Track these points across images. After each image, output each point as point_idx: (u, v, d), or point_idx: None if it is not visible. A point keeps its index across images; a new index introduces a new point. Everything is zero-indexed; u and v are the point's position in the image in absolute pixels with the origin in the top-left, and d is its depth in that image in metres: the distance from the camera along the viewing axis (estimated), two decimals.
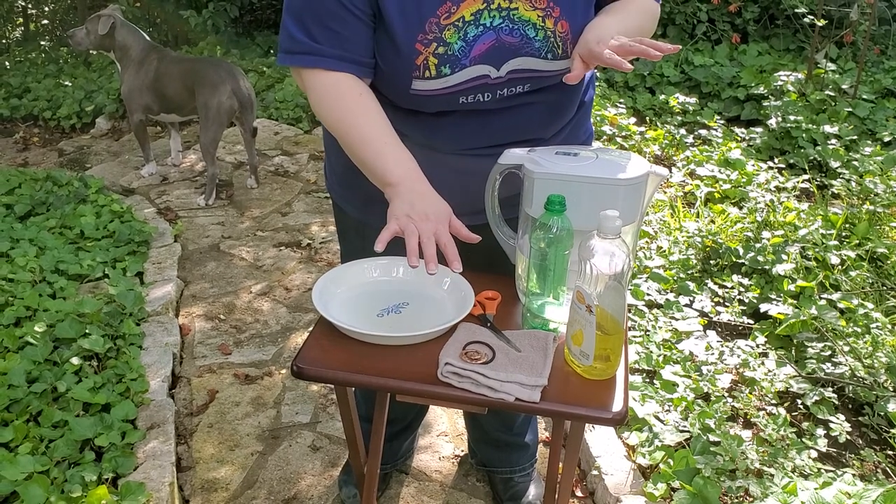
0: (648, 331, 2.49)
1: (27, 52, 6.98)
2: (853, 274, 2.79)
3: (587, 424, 1.90)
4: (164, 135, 4.64)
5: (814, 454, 1.98)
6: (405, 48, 1.23)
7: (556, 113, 1.42)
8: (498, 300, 1.36)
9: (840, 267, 2.84)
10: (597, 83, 5.07)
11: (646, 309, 2.61)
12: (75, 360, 2.27)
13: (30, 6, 7.90)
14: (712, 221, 3.26)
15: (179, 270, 3.14)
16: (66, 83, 5.58)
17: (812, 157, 4.03)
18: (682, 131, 4.45)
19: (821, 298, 2.59)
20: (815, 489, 1.79)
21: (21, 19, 7.94)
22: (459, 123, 1.35)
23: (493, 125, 1.37)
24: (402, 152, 1.27)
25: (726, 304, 2.70)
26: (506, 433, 1.91)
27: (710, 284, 2.79)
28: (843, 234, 3.10)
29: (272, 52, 6.28)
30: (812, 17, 4.71)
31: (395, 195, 1.23)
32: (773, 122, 4.37)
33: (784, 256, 2.82)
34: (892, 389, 2.17)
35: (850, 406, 2.23)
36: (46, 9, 7.99)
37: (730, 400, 2.19)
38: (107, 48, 3.96)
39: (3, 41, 7.61)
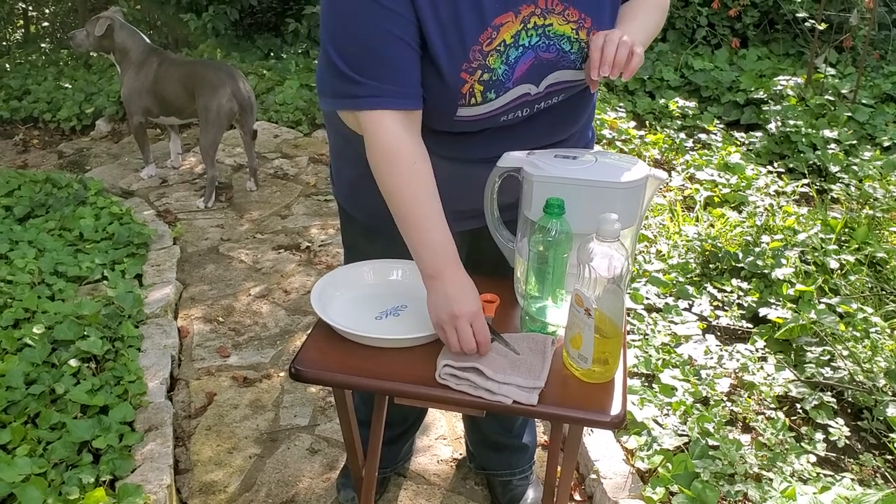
0: (647, 334, 2.48)
1: (27, 54, 6.99)
2: (852, 278, 2.79)
3: (585, 428, 1.90)
4: (163, 137, 4.64)
5: (813, 458, 1.98)
6: (451, 78, 1.23)
7: (574, 115, 1.44)
8: (497, 303, 1.36)
9: (839, 271, 2.84)
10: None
11: (645, 313, 2.61)
12: (73, 362, 2.27)
13: (30, 8, 7.91)
14: (712, 225, 3.26)
15: (178, 273, 3.14)
16: (67, 85, 5.58)
17: (811, 162, 4.03)
18: (682, 135, 4.46)
19: (820, 303, 2.59)
20: (814, 493, 1.79)
21: (21, 21, 7.95)
22: (490, 137, 1.36)
23: (519, 134, 1.38)
24: (445, 238, 1.25)
25: (725, 308, 2.70)
26: (504, 435, 1.91)
27: (710, 288, 2.79)
28: (843, 238, 3.11)
29: (272, 54, 6.29)
30: (812, 22, 4.72)
31: (431, 289, 1.23)
32: (772, 126, 4.38)
33: (783, 261, 2.82)
34: (891, 394, 2.17)
35: (849, 410, 2.23)
36: (47, 11, 8.01)
37: (729, 404, 2.19)
38: (106, 50, 3.96)
39: (4, 43, 7.62)
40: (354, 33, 1.20)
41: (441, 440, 2.25)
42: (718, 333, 2.57)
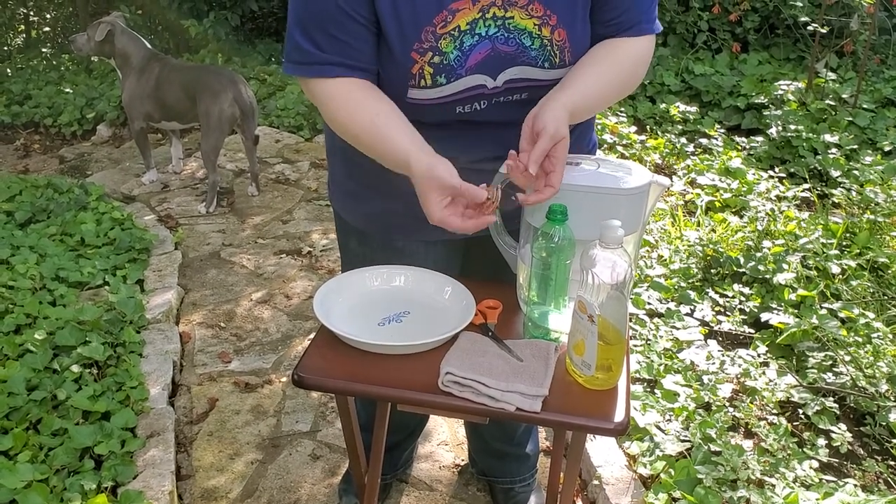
0: (649, 340, 2.48)
1: (29, 58, 6.99)
2: (854, 283, 2.79)
3: (588, 434, 1.89)
4: (165, 142, 4.64)
5: (815, 464, 1.98)
6: (400, 56, 1.23)
7: None
8: (499, 309, 1.36)
9: (841, 276, 2.84)
10: None
11: (647, 318, 2.61)
12: (75, 368, 2.27)
13: (32, 13, 7.92)
14: (713, 230, 3.26)
15: (180, 278, 3.14)
16: (68, 90, 5.59)
17: (812, 167, 4.03)
18: (683, 140, 4.46)
19: (822, 308, 2.58)
20: (817, 499, 1.79)
21: (23, 26, 7.96)
22: (461, 137, 1.35)
23: (495, 138, 1.36)
24: (399, 136, 1.25)
25: (727, 313, 2.69)
26: (507, 444, 1.91)
27: (711, 293, 2.79)
28: (844, 243, 3.10)
29: (273, 59, 6.29)
30: (812, 27, 4.72)
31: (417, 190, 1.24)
32: (773, 131, 4.38)
33: (785, 266, 2.82)
34: (893, 399, 2.17)
35: (852, 416, 2.23)
36: (48, 16, 8.02)
37: (731, 409, 2.19)
38: (107, 55, 3.96)
39: (5, 48, 7.63)
40: (307, 4, 1.23)
41: (443, 446, 2.24)
42: (720, 339, 2.57)
